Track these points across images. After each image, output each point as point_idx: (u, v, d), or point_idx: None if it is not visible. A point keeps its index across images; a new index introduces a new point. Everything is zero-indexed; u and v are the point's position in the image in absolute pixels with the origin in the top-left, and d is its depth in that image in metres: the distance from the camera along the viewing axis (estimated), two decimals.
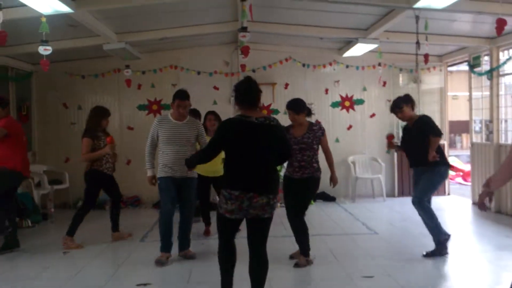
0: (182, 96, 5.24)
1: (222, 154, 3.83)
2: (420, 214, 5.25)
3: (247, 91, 3.66)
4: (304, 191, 4.96)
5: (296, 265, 4.88)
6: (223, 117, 9.65)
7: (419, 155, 5.12)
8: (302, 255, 4.94)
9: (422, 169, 5.16)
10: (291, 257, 5.15)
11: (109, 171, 6.05)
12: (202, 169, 5.74)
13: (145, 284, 4.44)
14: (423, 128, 5.17)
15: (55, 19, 5.46)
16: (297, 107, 4.99)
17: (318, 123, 5.29)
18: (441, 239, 5.12)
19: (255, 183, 3.47)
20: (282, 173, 5.38)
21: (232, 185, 3.47)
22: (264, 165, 3.55)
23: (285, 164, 4.97)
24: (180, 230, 5.29)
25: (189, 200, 5.23)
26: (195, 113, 6.35)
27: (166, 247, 5.12)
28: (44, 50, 5.56)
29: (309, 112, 5.17)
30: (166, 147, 5.09)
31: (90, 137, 5.88)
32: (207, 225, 6.34)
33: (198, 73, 9.18)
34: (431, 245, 5.74)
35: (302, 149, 4.89)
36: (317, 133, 4.97)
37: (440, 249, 5.12)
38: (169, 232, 5.11)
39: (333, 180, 5.11)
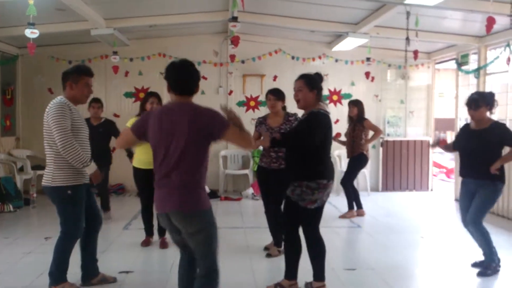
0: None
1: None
2: (474, 237, 4.59)
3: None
4: (281, 182, 4.84)
5: (269, 255, 4.98)
6: (212, 107, 9.63)
7: (484, 165, 4.34)
8: (276, 245, 5.05)
9: (479, 183, 4.43)
10: (266, 248, 5.18)
11: None
12: (140, 161, 5.25)
13: (127, 272, 4.44)
14: (502, 136, 4.39)
15: (43, 2, 5.37)
16: (279, 93, 4.93)
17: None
18: (491, 266, 4.50)
19: (332, 172, 3.81)
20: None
21: (320, 175, 3.68)
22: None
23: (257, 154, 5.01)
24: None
25: None
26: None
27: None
28: (31, 33, 5.46)
29: (283, 108, 5.06)
30: None
31: None
32: (151, 235, 5.47)
33: None
34: (413, 240, 5.82)
35: None
36: (293, 123, 4.85)
37: (490, 270, 4.53)
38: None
39: None
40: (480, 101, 4.43)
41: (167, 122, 2.84)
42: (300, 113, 4.15)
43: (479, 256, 4.62)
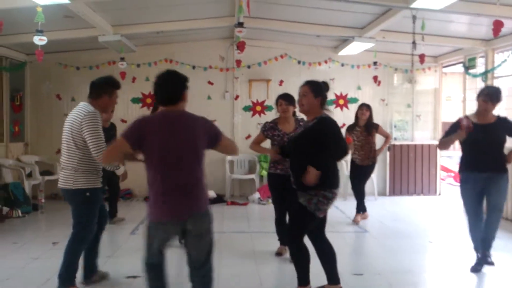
0: None
1: None
2: (491, 227, 4.56)
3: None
4: None
5: (278, 254, 5.09)
6: (218, 112, 9.66)
7: (500, 158, 4.49)
8: (283, 245, 5.11)
9: (493, 176, 4.47)
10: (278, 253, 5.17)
11: None
12: None
13: (134, 277, 4.44)
14: (510, 128, 4.52)
15: (51, 9, 5.42)
16: (290, 98, 4.90)
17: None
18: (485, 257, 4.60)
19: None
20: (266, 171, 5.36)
21: (334, 184, 3.72)
22: None
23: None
24: None
25: None
26: None
27: None
28: (39, 40, 5.52)
29: (293, 113, 5.05)
30: None
31: None
32: None
33: (193, 67, 9.15)
34: (421, 245, 5.79)
35: None
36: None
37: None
38: None
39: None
40: (500, 95, 4.49)
41: (178, 129, 2.91)
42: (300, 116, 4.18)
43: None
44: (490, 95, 4.45)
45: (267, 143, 5.05)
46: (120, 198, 8.63)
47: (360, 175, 6.98)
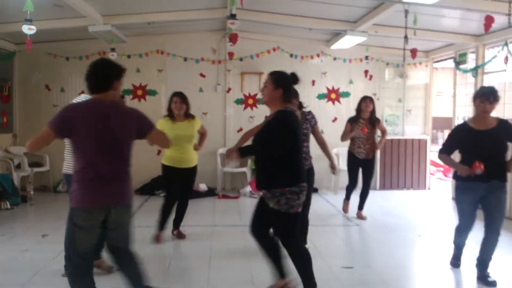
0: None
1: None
2: (489, 247, 4.31)
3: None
4: (309, 183, 4.47)
5: None
6: (210, 105, 9.60)
7: (504, 166, 4.15)
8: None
9: (495, 185, 4.14)
10: None
11: None
12: (171, 159, 5.32)
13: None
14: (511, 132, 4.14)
15: None
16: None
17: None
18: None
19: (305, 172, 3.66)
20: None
21: (300, 179, 3.51)
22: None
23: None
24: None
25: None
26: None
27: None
28: (28, 29, 5.45)
29: (300, 105, 4.85)
30: None
31: None
32: (163, 230, 5.46)
33: (185, 59, 9.09)
34: (411, 238, 5.84)
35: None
36: (311, 122, 4.86)
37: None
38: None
39: (334, 167, 5.16)
40: (497, 94, 4.12)
41: (104, 117, 2.95)
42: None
43: (475, 255, 4.62)
44: (486, 95, 4.09)
45: None
46: None
47: (366, 169, 6.76)
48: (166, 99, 9.17)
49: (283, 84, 3.54)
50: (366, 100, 6.74)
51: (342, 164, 9.19)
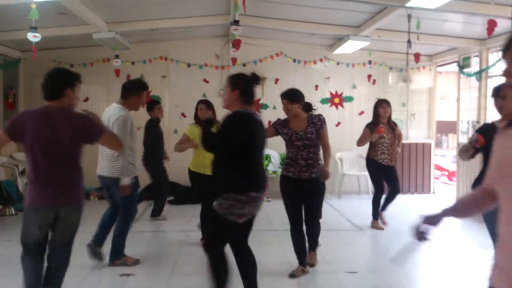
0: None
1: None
2: None
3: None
4: (315, 192, 4.45)
5: (292, 276, 4.46)
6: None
7: None
8: (300, 265, 4.50)
9: None
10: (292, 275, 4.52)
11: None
12: (198, 165, 5.34)
13: (128, 275, 4.43)
14: None
15: (45, 6, 5.39)
16: (292, 95, 4.48)
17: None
18: None
19: (265, 182, 3.49)
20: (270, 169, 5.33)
21: (250, 187, 3.30)
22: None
23: (275, 162, 4.82)
24: None
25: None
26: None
27: None
28: (33, 37, 5.50)
29: (309, 107, 4.75)
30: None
31: None
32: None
33: (188, 65, 9.13)
34: (416, 243, 5.79)
35: (306, 145, 4.39)
36: (317, 125, 4.48)
37: None
38: None
39: (324, 172, 4.41)
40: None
41: (52, 123, 3.13)
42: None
43: (482, 259, 4.61)
44: (495, 92, 3.85)
45: (273, 141, 4.86)
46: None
47: (392, 174, 6.48)
48: (170, 105, 9.27)
49: (240, 86, 3.45)
50: (383, 105, 6.42)
51: (346, 168, 9.20)
